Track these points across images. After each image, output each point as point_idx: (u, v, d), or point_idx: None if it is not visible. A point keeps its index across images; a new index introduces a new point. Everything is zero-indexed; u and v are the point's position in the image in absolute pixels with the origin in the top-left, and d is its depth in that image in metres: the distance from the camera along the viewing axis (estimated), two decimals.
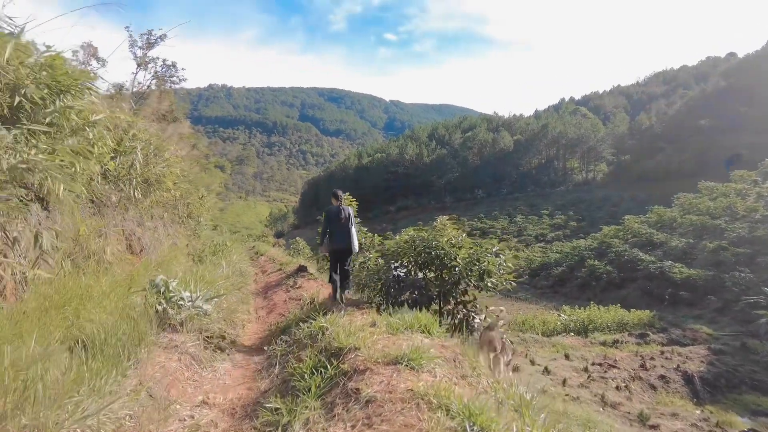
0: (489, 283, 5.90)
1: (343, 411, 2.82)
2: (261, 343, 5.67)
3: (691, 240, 39.35)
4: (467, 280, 5.80)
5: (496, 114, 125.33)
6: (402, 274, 6.12)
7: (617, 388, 16.80)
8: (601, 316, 28.73)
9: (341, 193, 6.88)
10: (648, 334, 26.08)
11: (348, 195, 10.20)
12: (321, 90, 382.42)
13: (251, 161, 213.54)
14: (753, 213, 37.09)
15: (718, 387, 17.73)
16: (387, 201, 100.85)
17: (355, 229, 6.77)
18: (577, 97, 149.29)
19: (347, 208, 6.72)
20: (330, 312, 5.36)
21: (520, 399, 3.40)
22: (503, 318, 5.22)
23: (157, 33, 15.21)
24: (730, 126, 74.72)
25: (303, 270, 10.90)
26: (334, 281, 6.53)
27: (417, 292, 5.91)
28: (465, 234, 6.61)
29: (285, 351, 4.70)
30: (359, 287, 6.60)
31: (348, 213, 6.62)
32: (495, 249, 6.06)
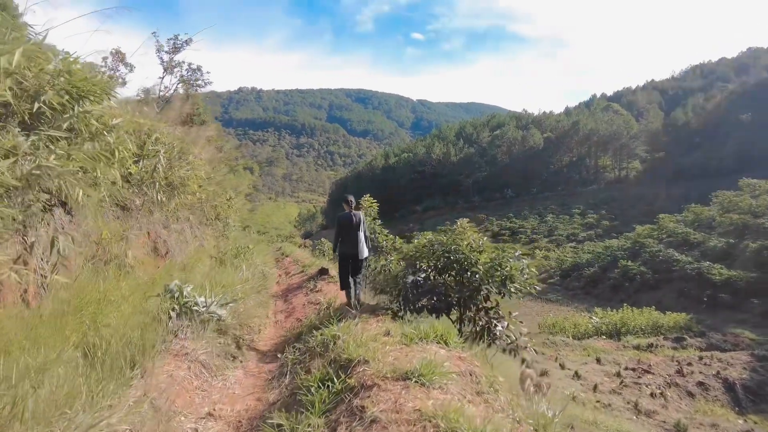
0: (512, 289, 5.61)
1: (346, 431, 2.64)
2: (276, 350, 5.56)
3: (732, 240, 37.73)
4: (488, 286, 5.53)
5: (525, 111, 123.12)
6: (420, 279, 5.90)
7: (652, 395, 16.11)
8: (635, 318, 27.89)
9: (353, 199, 6.79)
10: (685, 338, 25.12)
11: (369, 196, 10.05)
12: (348, 91, 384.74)
13: (281, 163, 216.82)
14: None
15: (762, 395, 16.80)
16: (414, 201, 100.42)
17: (367, 234, 6.72)
18: (609, 93, 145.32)
19: (359, 213, 6.66)
20: (345, 318, 5.21)
21: (540, 418, 3.16)
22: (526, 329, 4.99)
23: (183, 38, 15.46)
24: None
25: (324, 272, 10.81)
26: (347, 286, 6.49)
27: (436, 298, 5.68)
28: (486, 237, 6.37)
29: (297, 359, 4.56)
30: (377, 291, 6.42)
31: (359, 218, 6.56)
32: (517, 253, 5.77)
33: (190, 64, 16.76)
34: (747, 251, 34.49)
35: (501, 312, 5.77)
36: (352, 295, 6.38)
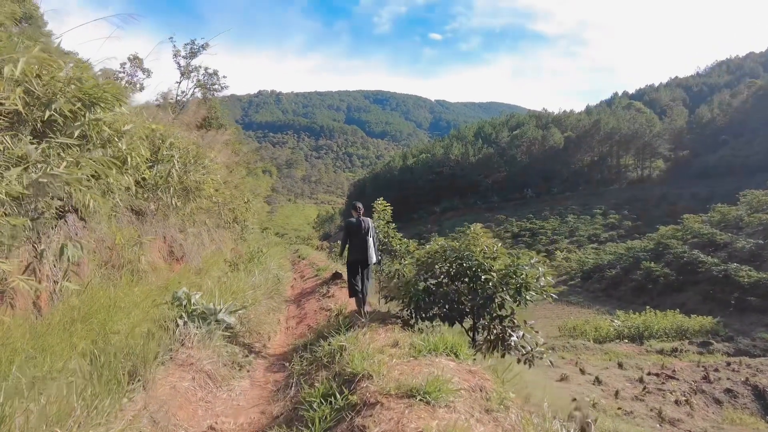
0: (528, 296, 5.41)
1: None
2: (285, 358, 5.47)
3: (761, 240, 36.51)
4: (503, 294, 5.34)
5: (545, 110, 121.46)
6: (432, 285, 5.74)
7: (676, 402, 15.58)
8: (658, 321, 27.21)
9: (361, 206, 6.83)
10: (711, 342, 24.38)
11: (381, 200, 9.92)
12: (366, 93, 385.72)
13: (300, 165, 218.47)
14: None
15: None
16: (432, 202, 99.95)
17: (375, 241, 6.75)
18: (631, 91, 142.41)
19: (368, 219, 6.71)
20: (354, 327, 5.09)
21: None
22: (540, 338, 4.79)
23: (200, 42, 15.61)
24: None
25: (337, 277, 10.73)
26: (356, 293, 6.50)
27: (448, 306, 5.52)
28: (506, 239, 6.22)
29: (304, 370, 4.46)
30: (388, 299, 6.28)
31: (368, 225, 6.60)
32: (533, 260, 5.56)
33: (207, 68, 16.96)
34: None
35: (516, 321, 5.56)
36: (360, 303, 6.37)
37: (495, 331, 5.57)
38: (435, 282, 5.77)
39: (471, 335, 5.69)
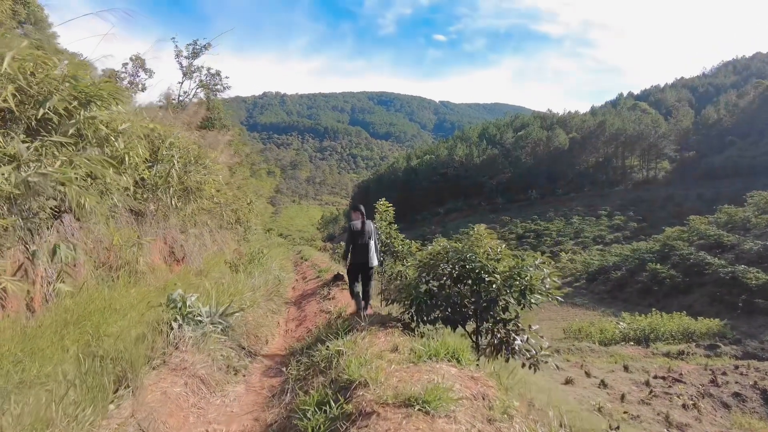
0: (532, 299, 5.24)
1: None
2: (282, 362, 5.33)
3: None
4: (507, 296, 5.18)
5: (549, 111, 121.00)
6: (434, 287, 5.59)
7: (684, 406, 15.32)
8: (665, 324, 26.90)
9: (362, 208, 6.79)
10: (719, 345, 24.05)
11: (384, 201, 9.77)
12: (371, 94, 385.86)
13: (304, 166, 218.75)
14: None
15: None
16: (436, 203, 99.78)
17: (377, 243, 6.71)
18: (636, 92, 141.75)
19: (369, 222, 6.67)
20: (353, 330, 4.94)
21: None
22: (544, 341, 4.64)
23: (202, 42, 15.53)
24: None
25: (339, 278, 10.59)
26: (357, 296, 6.43)
27: (450, 309, 5.36)
28: (510, 240, 6.07)
29: (300, 376, 4.32)
30: (388, 301, 6.14)
31: (370, 228, 6.57)
32: (538, 261, 5.39)
33: (209, 68, 16.88)
34: None
35: (520, 324, 5.40)
36: (361, 305, 6.29)
37: (499, 335, 5.41)
38: (437, 284, 5.62)
39: (474, 339, 5.53)
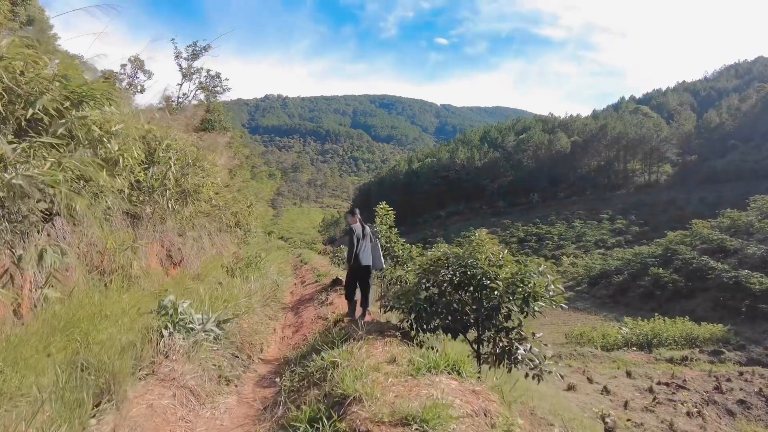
0: (536, 307, 5.06)
1: None
2: (277, 371, 5.15)
3: None
4: (509, 304, 5.00)
5: (551, 115, 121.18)
6: (435, 294, 5.41)
7: (688, 413, 15.07)
8: (667, 329, 26.65)
9: (358, 211, 6.76)
10: (722, 351, 23.77)
11: (384, 204, 9.60)
12: (372, 97, 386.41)
13: (305, 169, 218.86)
14: None
15: None
16: (437, 206, 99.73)
17: (374, 245, 6.65)
18: (638, 96, 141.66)
19: (366, 225, 6.62)
20: (350, 339, 4.76)
21: None
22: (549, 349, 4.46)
23: (201, 44, 15.42)
24: None
25: (337, 283, 10.39)
26: (353, 301, 6.37)
27: (451, 316, 5.17)
28: (511, 244, 5.90)
29: (294, 387, 4.14)
30: (387, 308, 5.96)
31: (368, 231, 6.53)
32: (542, 267, 5.21)
33: (209, 70, 16.77)
34: None
35: (523, 332, 5.21)
36: (356, 311, 6.23)
37: (501, 344, 5.23)
38: (437, 291, 5.44)
39: (475, 347, 5.34)
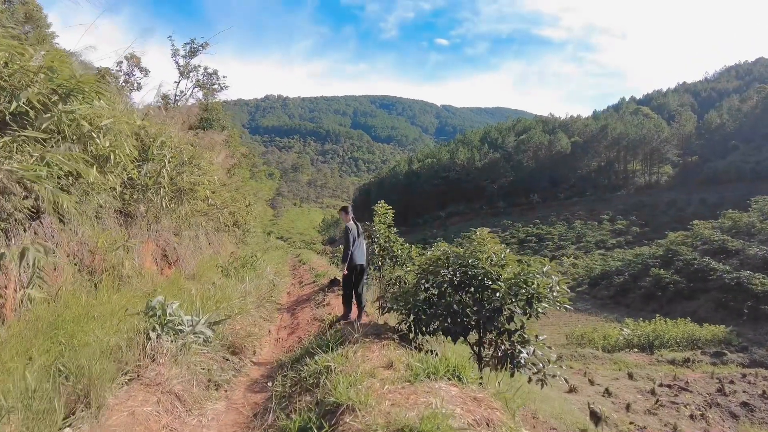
0: (539, 309, 4.86)
1: None
2: (269, 375, 4.95)
3: None
4: (511, 305, 4.80)
5: (552, 115, 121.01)
6: (434, 295, 5.21)
7: (691, 416, 14.86)
8: (669, 330, 26.46)
9: (351, 208, 6.75)
10: (725, 353, 23.58)
11: (383, 203, 9.40)
12: (373, 97, 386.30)
13: (305, 169, 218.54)
14: None
15: None
16: (438, 207, 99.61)
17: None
18: (639, 96, 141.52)
19: (357, 223, 6.56)
20: (345, 342, 4.56)
21: None
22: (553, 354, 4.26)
23: (199, 42, 15.24)
24: None
25: (335, 284, 10.21)
26: (350, 301, 6.24)
27: (451, 318, 4.97)
28: (512, 245, 5.71)
29: (286, 393, 3.94)
30: (384, 310, 5.77)
31: (360, 228, 6.47)
32: (546, 268, 5.00)
33: (206, 68, 16.60)
34: None
35: (526, 335, 5.01)
36: (352, 313, 6.11)
37: (503, 347, 5.03)
38: (437, 292, 5.24)
39: (476, 350, 5.14)
